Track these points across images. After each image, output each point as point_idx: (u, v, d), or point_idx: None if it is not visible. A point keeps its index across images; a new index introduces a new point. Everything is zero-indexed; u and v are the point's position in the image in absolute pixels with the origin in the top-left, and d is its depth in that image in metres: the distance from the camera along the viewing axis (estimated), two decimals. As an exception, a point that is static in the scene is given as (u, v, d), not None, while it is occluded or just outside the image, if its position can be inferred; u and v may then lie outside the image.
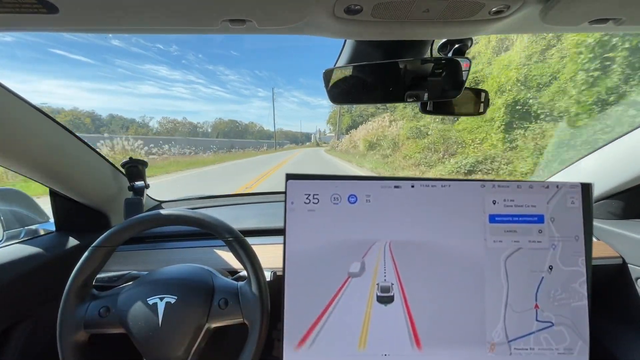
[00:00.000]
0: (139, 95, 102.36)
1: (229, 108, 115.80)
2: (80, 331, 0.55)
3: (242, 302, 0.56)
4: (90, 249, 0.57)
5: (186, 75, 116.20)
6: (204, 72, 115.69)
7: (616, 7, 0.39)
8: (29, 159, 0.68)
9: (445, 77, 0.64)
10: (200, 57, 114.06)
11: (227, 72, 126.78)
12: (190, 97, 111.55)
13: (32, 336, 0.72)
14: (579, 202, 0.56)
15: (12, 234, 0.94)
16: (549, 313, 0.55)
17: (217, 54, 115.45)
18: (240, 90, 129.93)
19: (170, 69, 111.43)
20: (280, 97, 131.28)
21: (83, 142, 0.79)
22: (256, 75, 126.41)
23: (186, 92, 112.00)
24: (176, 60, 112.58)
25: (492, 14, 0.41)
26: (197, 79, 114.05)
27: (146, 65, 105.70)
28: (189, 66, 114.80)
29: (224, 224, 0.59)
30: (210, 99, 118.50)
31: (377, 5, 0.38)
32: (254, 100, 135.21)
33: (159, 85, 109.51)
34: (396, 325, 0.54)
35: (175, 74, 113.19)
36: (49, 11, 0.36)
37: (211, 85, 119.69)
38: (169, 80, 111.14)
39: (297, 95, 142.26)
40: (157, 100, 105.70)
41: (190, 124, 47.22)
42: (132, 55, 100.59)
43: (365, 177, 0.58)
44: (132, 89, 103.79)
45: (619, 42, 4.04)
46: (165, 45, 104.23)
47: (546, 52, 6.44)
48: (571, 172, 0.91)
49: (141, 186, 0.95)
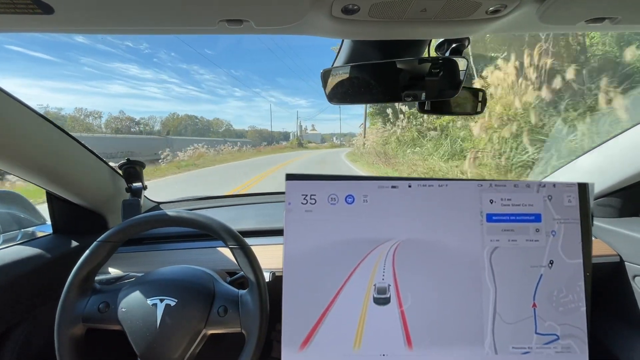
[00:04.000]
0: (109, 95, 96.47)
1: (204, 108, 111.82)
2: (78, 324, 0.55)
3: (242, 311, 0.56)
4: (95, 243, 0.57)
5: (158, 75, 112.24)
6: (177, 71, 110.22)
7: (613, 6, 0.39)
8: (25, 161, 0.68)
9: (442, 76, 0.64)
10: (173, 56, 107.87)
11: (201, 72, 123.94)
12: (164, 97, 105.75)
13: (28, 339, 0.72)
14: (576, 201, 0.57)
15: (9, 237, 0.94)
16: (552, 322, 0.55)
17: (191, 52, 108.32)
18: (216, 90, 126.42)
19: (141, 68, 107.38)
20: (258, 97, 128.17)
21: (80, 144, 0.79)
22: (232, 74, 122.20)
23: (159, 92, 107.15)
24: (147, 58, 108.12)
25: (489, 14, 0.41)
26: (170, 78, 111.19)
27: (114, 63, 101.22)
28: (161, 65, 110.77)
29: (232, 230, 0.59)
30: (184, 98, 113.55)
31: (374, 5, 0.38)
32: (230, 100, 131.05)
33: (129, 85, 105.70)
34: (390, 325, 0.54)
35: (147, 72, 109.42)
36: (44, 12, 0.36)
37: (185, 85, 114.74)
38: (139, 79, 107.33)
39: (275, 95, 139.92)
40: (128, 100, 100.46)
41: (129, 119, 39.28)
42: (99, 52, 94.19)
43: (362, 177, 0.58)
44: (101, 88, 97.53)
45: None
46: (135, 42, 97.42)
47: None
48: (569, 170, 0.91)
49: (139, 187, 0.94)
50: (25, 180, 0.72)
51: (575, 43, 4.70)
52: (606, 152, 0.80)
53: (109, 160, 0.91)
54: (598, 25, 0.43)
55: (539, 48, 4.44)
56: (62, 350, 0.54)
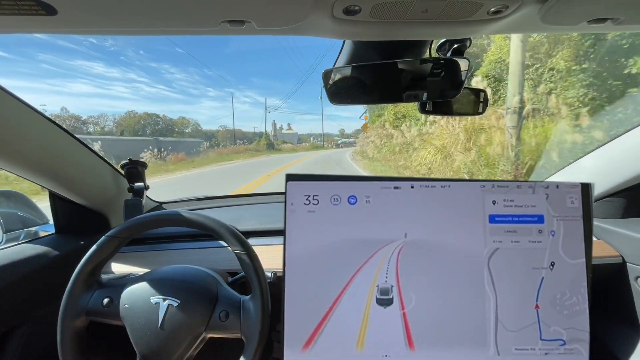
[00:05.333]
0: (72, 94, 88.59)
1: (176, 108, 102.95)
2: (81, 317, 0.56)
3: (243, 317, 0.56)
4: (103, 237, 0.58)
5: (126, 74, 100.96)
6: (146, 70, 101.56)
7: (615, 6, 0.39)
8: (29, 161, 0.68)
9: (444, 77, 0.64)
10: (141, 54, 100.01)
11: (172, 71, 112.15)
12: (132, 97, 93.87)
13: (31, 339, 0.72)
14: (578, 202, 0.56)
15: (12, 236, 0.94)
16: (557, 327, 0.54)
17: (160, 50, 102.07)
18: (188, 89, 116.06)
19: (107, 66, 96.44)
20: (231, 97, 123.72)
21: (83, 144, 0.79)
22: (205, 74, 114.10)
23: (127, 92, 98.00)
24: (113, 56, 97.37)
25: (490, 14, 0.41)
26: (139, 77, 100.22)
27: (77, 61, 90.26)
28: (128, 63, 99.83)
29: (238, 234, 0.59)
30: (155, 98, 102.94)
31: (375, 6, 0.38)
32: (204, 100, 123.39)
33: (94, 84, 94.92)
34: (392, 327, 0.54)
35: (113, 71, 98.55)
36: (47, 13, 0.36)
37: (155, 84, 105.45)
38: (106, 78, 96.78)
39: (251, 95, 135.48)
40: (92, 99, 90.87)
41: (74, 118, 34.28)
42: (59, 49, 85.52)
43: (365, 177, 0.58)
44: (62, 87, 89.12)
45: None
46: (99, 39, 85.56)
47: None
48: (571, 171, 0.91)
49: (141, 187, 0.95)
50: (29, 180, 0.73)
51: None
52: (609, 152, 0.80)
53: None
54: (600, 25, 0.43)
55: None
56: (64, 341, 0.55)
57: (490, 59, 6.21)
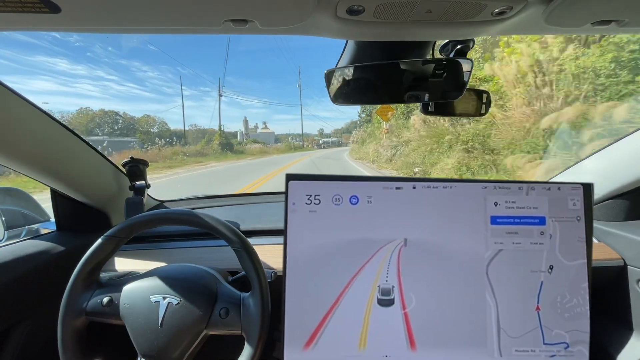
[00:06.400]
0: (31, 92, 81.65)
1: (149, 108, 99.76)
2: (81, 317, 0.56)
3: (243, 314, 0.56)
4: (102, 237, 0.58)
5: (94, 71, 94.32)
6: (115, 67, 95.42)
7: (619, 8, 0.39)
8: (30, 158, 0.68)
9: (446, 78, 0.64)
10: (110, 51, 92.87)
11: (144, 69, 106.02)
12: (101, 96, 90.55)
13: (31, 336, 0.72)
14: (580, 204, 0.56)
15: (14, 233, 0.95)
16: (559, 330, 0.54)
17: (131, 47, 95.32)
18: (161, 88, 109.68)
19: (72, 63, 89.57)
20: (207, 97, 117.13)
21: (84, 142, 0.79)
22: (179, 72, 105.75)
23: (95, 90, 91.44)
24: (79, 52, 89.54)
25: (494, 15, 0.41)
26: (108, 75, 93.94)
27: (38, 56, 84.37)
28: (96, 60, 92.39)
29: (237, 232, 0.59)
30: (125, 97, 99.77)
31: (379, 6, 0.38)
32: (178, 99, 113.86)
33: (57, 81, 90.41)
34: (393, 327, 0.54)
35: (79, 68, 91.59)
36: (51, 11, 0.36)
37: (126, 83, 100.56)
38: (70, 75, 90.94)
39: (227, 94, 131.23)
40: (56, 97, 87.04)
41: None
42: (17, 43, 79.73)
43: (366, 177, 0.58)
44: (21, 84, 79.84)
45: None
46: (63, 34, 76.47)
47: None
48: (572, 173, 0.91)
49: (142, 186, 0.95)
50: (30, 177, 0.73)
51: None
52: (611, 155, 0.80)
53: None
54: (604, 27, 0.43)
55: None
56: (64, 341, 0.55)
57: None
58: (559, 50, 5.14)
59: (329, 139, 58.39)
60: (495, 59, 6.60)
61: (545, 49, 5.33)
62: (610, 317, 0.75)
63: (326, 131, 72.38)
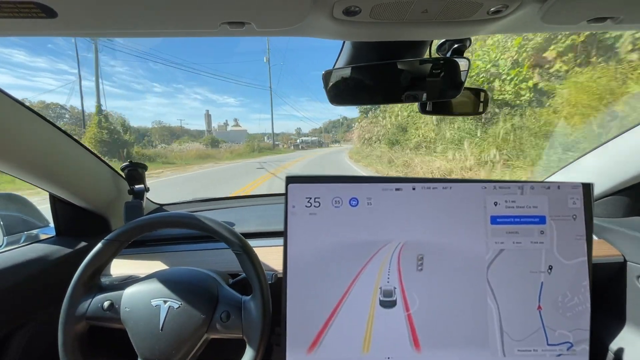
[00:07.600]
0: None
1: (117, 104, 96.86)
2: (82, 322, 0.56)
3: (244, 318, 0.56)
4: (102, 241, 0.58)
5: (55, 64, 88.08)
6: (80, 60, 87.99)
7: (615, 5, 0.39)
8: (28, 163, 0.68)
9: (443, 77, 0.64)
10: (73, 43, 79.26)
11: (112, 63, 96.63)
12: (65, 91, 74.90)
13: (31, 341, 0.72)
14: (580, 202, 0.56)
15: (13, 239, 0.94)
16: (562, 330, 0.54)
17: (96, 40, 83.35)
18: (130, 84, 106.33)
19: (31, 55, 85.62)
20: (181, 94, 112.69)
21: (82, 146, 0.79)
22: (150, 68, 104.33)
23: (57, 85, 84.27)
24: (38, 43, 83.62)
25: (490, 14, 0.41)
26: (72, 68, 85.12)
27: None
28: (58, 52, 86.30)
29: (238, 235, 0.59)
30: (92, 93, 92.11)
31: (375, 7, 0.38)
32: (149, 96, 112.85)
33: (15, 74, 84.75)
34: (397, 329, 0.54)
35: (39, 60, 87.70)
36: (47, 16, 0.36)
37: (92, 78, 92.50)
38: (29, 68, 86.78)
39: (201, 92, 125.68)
40: (13, 92, 79.14)
41: None
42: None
43: (366, 178, 0.58)
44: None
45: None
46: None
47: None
48: (571, 170, 0.91)
49: (141, 189, 0.95)
50: (29, 183, 0.73)
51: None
52: (610, 151, 0.80)
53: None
54: (600, 24, 0.43)
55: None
56: (65, 347, 0.55)
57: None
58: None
59: (308, 138, 55.14)
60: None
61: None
62: (610, 313, 0.75)
63: (304, 130, 69.45)
